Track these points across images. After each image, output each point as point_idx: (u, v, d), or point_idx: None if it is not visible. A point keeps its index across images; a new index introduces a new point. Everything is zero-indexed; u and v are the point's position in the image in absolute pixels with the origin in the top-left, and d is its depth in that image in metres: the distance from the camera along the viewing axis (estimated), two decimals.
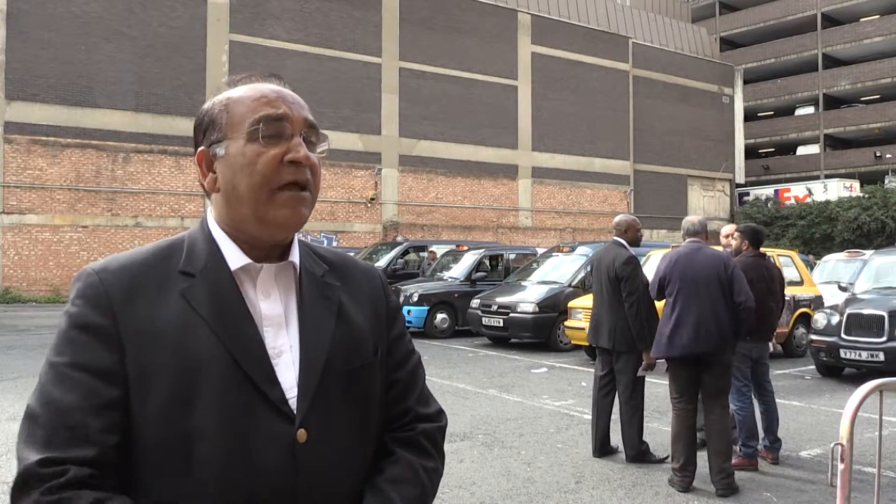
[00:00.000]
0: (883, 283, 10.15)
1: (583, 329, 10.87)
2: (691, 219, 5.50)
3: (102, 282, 1.11)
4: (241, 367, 1.09)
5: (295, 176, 1.14)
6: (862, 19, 43.56)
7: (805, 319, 11.48)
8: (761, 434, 5.80)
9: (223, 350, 1.09)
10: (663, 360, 5.39)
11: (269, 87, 1.19)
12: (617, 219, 6.19)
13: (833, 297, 11.46)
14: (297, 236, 1.23)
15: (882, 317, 9.02)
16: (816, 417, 7.45)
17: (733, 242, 6.07)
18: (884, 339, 8.93)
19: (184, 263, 1.15)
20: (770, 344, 5.97)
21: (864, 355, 9.05)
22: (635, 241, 6.07)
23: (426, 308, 14.03)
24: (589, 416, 6.39)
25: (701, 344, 5.01)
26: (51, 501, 0.99)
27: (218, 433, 1.06)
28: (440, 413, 1.33)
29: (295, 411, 1.11)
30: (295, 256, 1.21)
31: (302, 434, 1.11)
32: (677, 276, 5.14)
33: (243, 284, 1.16)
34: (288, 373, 1.13)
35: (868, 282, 10.37)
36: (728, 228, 6.40)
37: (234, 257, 1.16)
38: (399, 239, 21.98)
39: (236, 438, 1.07)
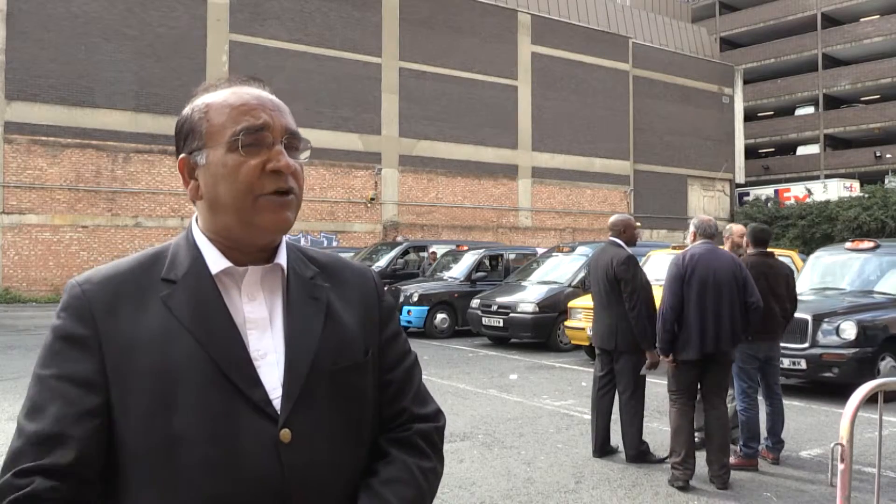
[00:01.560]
0: (825, 284, 9.28)
1: (583, 329, 10.87)
2: (707, 220, 5.48)
3: (85, 293, 1.13)
4: (221, 370, 1.09)
5: (277, 184, 1.14)
6: (862, 19, 43.55)
7: None
8: (763, 434, 5.81)
9: (203, 354, 1.09)
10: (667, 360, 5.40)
11: (249, 94, 1.18)
12: (613, 219, 6.13)
13: None
14: (284, 238, 1.23)
15: (805, 321, 8.01)
16: (816, 417, 7.45)
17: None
18: (806, 345, 8.04)
19: (166, 271, 1.16)
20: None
21: (786, 363, 7.94)
22: (632, 241, 6.05)
23: (426, 308, 14.02)
24: (588, 417, 6.38)
25: (723, 343, 5.08)
26: None
27: (200, 436, 1.07)
28: (438, 413, 1.31)
29: (279, 412, 1.11)
30: (282, 259, 1.20)
31: (286, 434, 1.10)
32: (699, 276, 5.12)
33: (227, 288, 1.16)
34: (272, 374, 1.13)
35: (810, 282, 9.40)
36: (740, 228, 6.34)
37: (215, 261, 1.16)
38: (399, 239, 21.97)
39: (219, 441, 1.07)
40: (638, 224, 6.29)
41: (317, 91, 24.77)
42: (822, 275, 9.55)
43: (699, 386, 5.32)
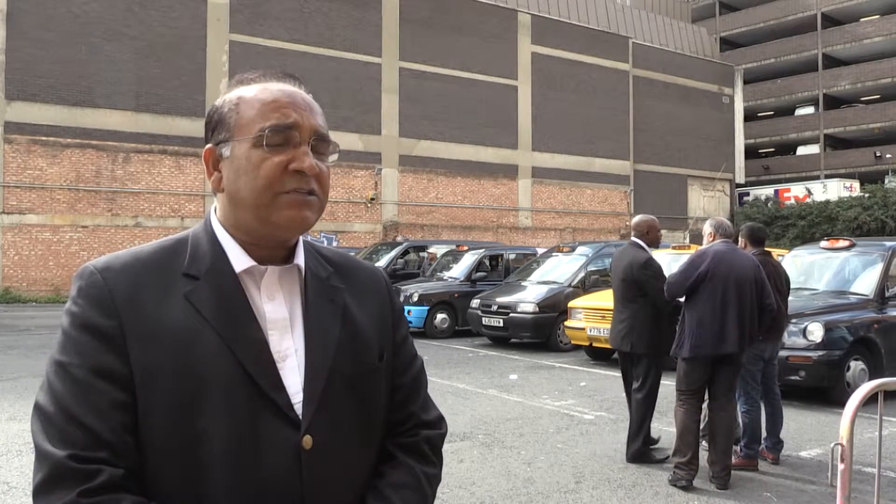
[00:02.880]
0: (800, 284, 8.81)
1: (583, 329, 10.88)
2: (723, 220, 5.49)
3: (106, 281, 1.08)
4: (247, 372, 1.07)
5: (298, 184, 1.12)
6: (862, 19, 43.56)
7: None
8: (763, 435, 5.81)
9: (229, 354, 1.07)
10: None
11: (282, 91, 1.16)
12: (636, 219, 6.13)
13: None
14: (301, 238, 1.21)
15: None
16: (816, 417, 7.45)
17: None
18: None
19: (187, 265, 1.12)
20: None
21: None
22: (655, 243, 6.03)
23: (426, 308, 14.02)
24: (589, 417, 6.40)
25: (742, 342, 5.06)
26: None
27: (224, 438, 1.05)
28: (441, 420, 1.32)
29: (300, 417, 1.10)
30: (300, 259, 1.18)
31: (308, 440, 1.09)
32: (722, 275, 5.09)
33: (248, 287, 1.13)
34: (293, 377, 1.11)
35: None
36: None
37: (239, 259, 1.13)
38: (399, 239, 21.97)
39: (242, 443, 1.05)
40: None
41: (317, 91, 23.78)
42: (799, 274, 9.21)
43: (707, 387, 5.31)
